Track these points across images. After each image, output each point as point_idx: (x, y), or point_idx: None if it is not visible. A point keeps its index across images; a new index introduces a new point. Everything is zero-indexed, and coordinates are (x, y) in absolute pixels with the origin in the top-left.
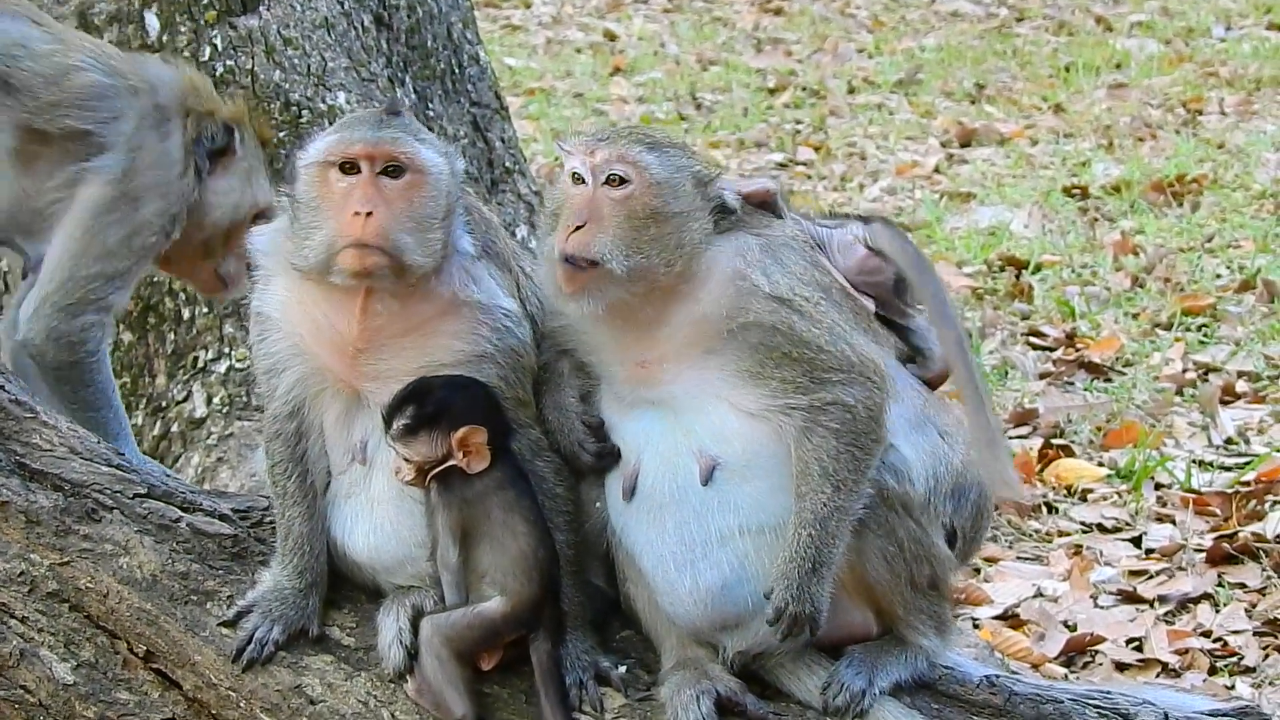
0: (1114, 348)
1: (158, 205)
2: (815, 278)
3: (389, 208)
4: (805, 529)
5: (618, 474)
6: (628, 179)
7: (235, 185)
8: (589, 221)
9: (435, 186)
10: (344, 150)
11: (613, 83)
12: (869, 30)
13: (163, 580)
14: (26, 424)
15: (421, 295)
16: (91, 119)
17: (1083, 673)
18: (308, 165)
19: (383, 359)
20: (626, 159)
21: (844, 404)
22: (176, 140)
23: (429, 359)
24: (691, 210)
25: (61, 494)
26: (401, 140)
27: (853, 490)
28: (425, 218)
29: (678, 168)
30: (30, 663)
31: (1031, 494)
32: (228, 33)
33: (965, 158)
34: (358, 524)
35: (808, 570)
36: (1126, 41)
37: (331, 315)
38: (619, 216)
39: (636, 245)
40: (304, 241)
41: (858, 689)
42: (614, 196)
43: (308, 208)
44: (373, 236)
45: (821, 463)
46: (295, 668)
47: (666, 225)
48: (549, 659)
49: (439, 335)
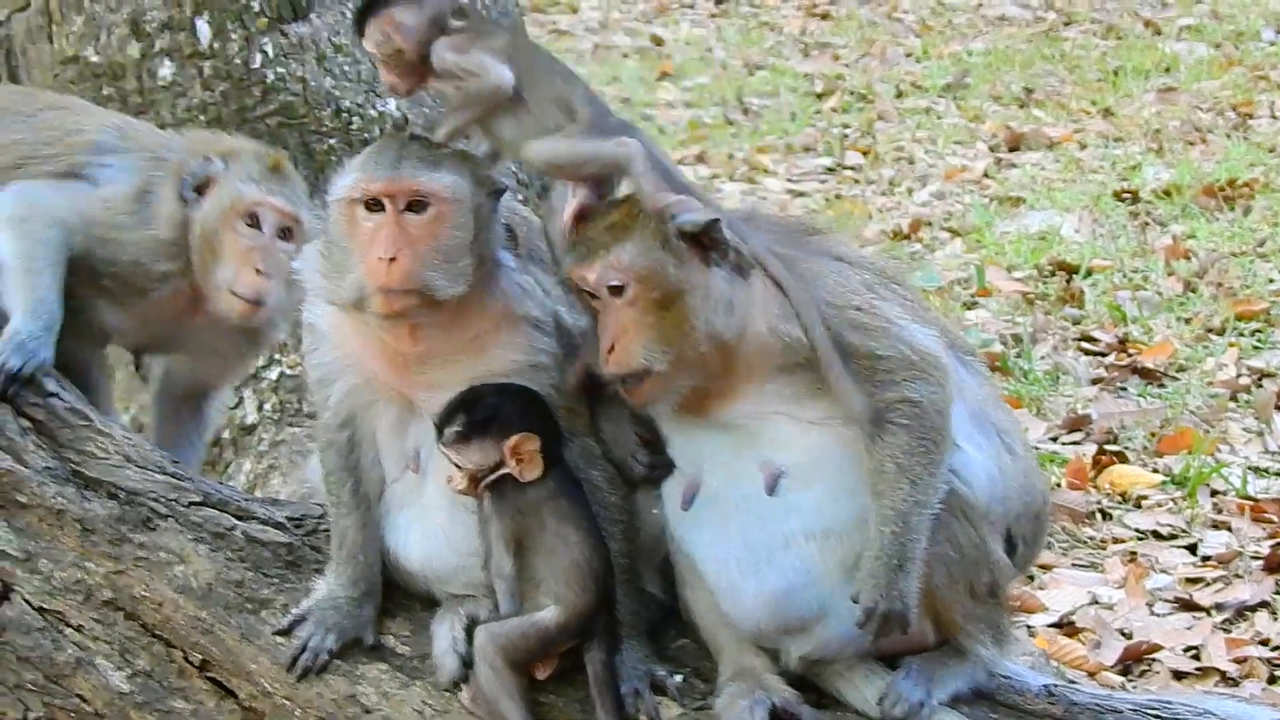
0: (1167, 353)
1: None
2: (854, 280)
3: (413, 248)
4: (888, 526)
5: (675, 483)
6: (626, 284)
7: (212, 203)
8: (617, 339)
9: (461, 212)
10: (365, 188)
11: (660, 88)
12: (916, 35)
13: (218, 589)
14: (81, 432)
15: (470, 312)
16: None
17: (1140, 681)
18: (335, 202)
19: (435, 370)
20: (613, 267)
21: (911, 401)
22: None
23: (482, 369)
24: (685, 270)
25: (117, 502)
26: (420, 173)
27: (929, 485)
28: (453, 248)
29: (650, 246)
30: (86, 671)
31: (1086, 500)
32: (279, 40)
33: (1014, 162)
34: (411, 533)
35: (895, 567)
36: (1176, 45)
37: (381, 331)
38: (641, 323)
39: (667, 339)
40: (337, 280)
41: (915, 700)
42: (624, 308)
43: (337, 245)
44: (400, 281)
45: (896, 460)
46: (350, 676)
47: (681, 303)
48: (604, 668)
49: (491, 347)
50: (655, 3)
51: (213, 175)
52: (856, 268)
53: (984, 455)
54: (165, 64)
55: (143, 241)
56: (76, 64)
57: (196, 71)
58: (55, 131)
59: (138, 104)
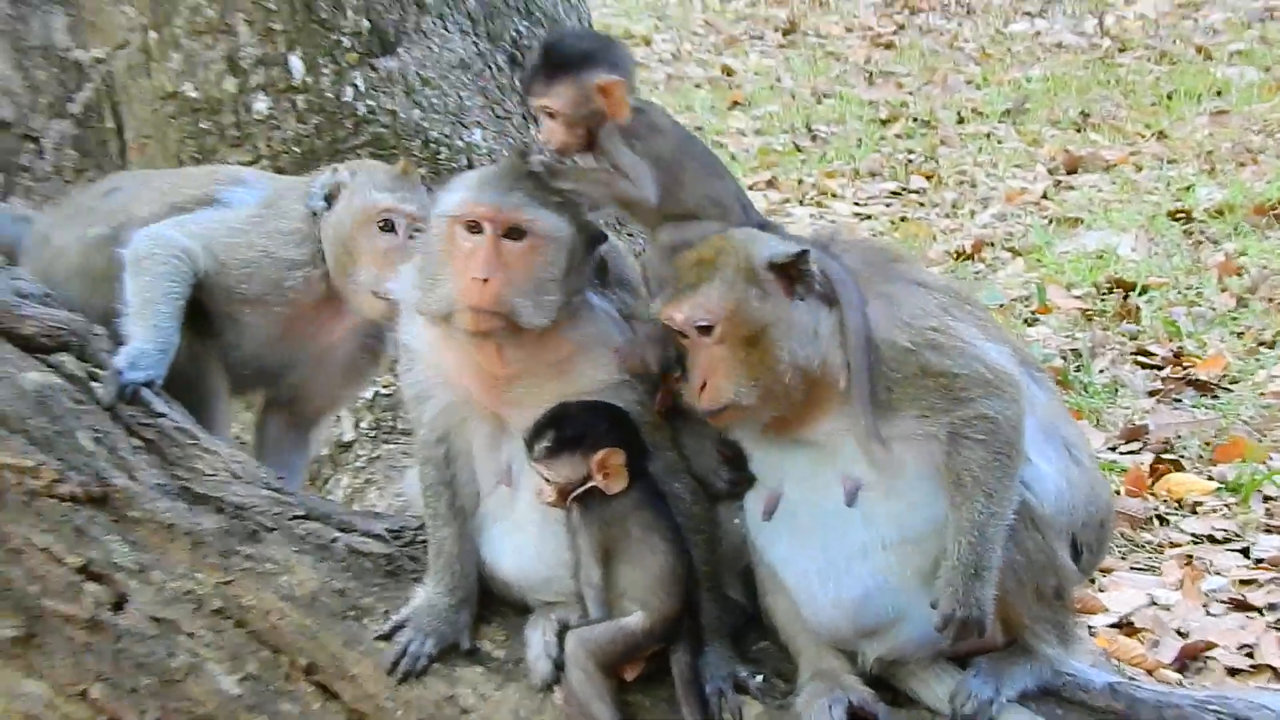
0: (1220, 366)
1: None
2: (930, 303)
3: (506, 273)
4: (964, 537)
5: (757, 495)
6: (712, 325)
7: (341, 208)
8: (708, 377)
9: (556, 250)
10: (469, 210)
11: (731, 116)
12: (976, 62)
13: (321, 597)
14: (190, 450)
15: (555, 339)
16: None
17: (1196, 678)
18: (437, 217)
19: (524, 389)
20: (700, 309)
21: (986, 417)
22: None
23: (569, 388)
24: (770, 304)
25: (224, 516)
26: (525, 207)
27: (1004, 497)
28: (544, 280)
29: (736, 282)
30: (198, 676)
31: (1144, 507)
32: (369, 74)
33: (1072, 184)
34: (505, 545)
35: (970, 576)
36: (1227, 69)
37: (472, 350)
38: (730, 360)
39: (750, 374)
40: (429, 291)
41: (985, 697)
42: (713, 346)
43: (435, 259)
44: (489, 303)
45: (972, 473)
46: (449, 679)
47: (767, 337)
48: (689, 669)
49: (578, 366)
50: (725, 35)
51: (341, 183)
52: (933, 291)
53: (1052, 467)
54: (260, 98)
55: (271, 249)
56: (175, 99)
57: (290, 105)
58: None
59: (234, 137)
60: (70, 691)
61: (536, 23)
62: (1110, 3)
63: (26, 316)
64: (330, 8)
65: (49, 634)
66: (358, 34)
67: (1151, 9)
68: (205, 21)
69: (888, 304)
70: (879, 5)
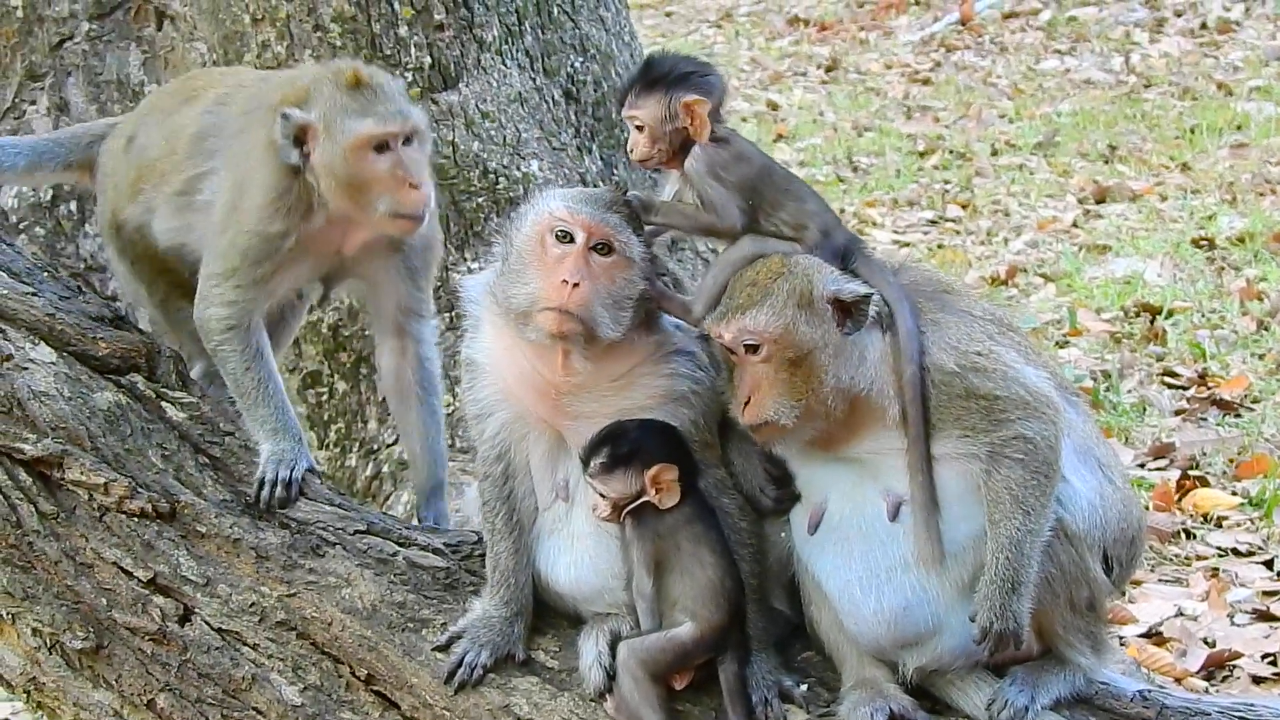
0: (1243, 386)
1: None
2: (976, 330)
3: (593, 283)
4: (1002, 553)
5: (802, 509)
6: (761, 344)
7: (323, 151)
8: (752, 393)
9: (636, 272)
10: (569, 218)
11: (776, 148)
12: (1009, 98)
13: (382, 609)
14: (255, 468)
15: (620, 354)
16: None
17: (1222, 686)
18: (533, 221)
19: (583, 403)
20: (748, 330)
21: (1025, 438)
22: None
23: (627, 401)
24: (820, 331)
25: (288, 531)
26: (619, 227)
27: (1041, 514)
28: (623, 297)
29: (788, 306)
30: (261, 686)
31: (1171, 521)
32: (430, 107)
33: (1100, 213)
34: (560, 558)
35: (1008, 590)
36: (1246, 105)
37: (536, 362)
38: (775, 379)
39: (794, 393)
40: (511, 288)
41: (1021, 705)
42: (759, 364)
43: (522, 260)
44: (575, 305)
45: (1011, 491)
46: (504, 688)
47: (812, 360)
48: (736, 678)
49: (638, 383)
50: (771, 71)
51: (304, 123)
52: (979, 320)
53: (1087, 485)
54: None
55: (258, 228)
56: None
57: None
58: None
59: None
60: (137, 701)
61: (591, 59)
62: (1136, 41)
63: (99, 338)
64: (394, 44)
65: (117, 645)
66: (420, 69)
67: (1175, 48)
68: (274, 58)
69: (936, 329)
70: (916, 44)
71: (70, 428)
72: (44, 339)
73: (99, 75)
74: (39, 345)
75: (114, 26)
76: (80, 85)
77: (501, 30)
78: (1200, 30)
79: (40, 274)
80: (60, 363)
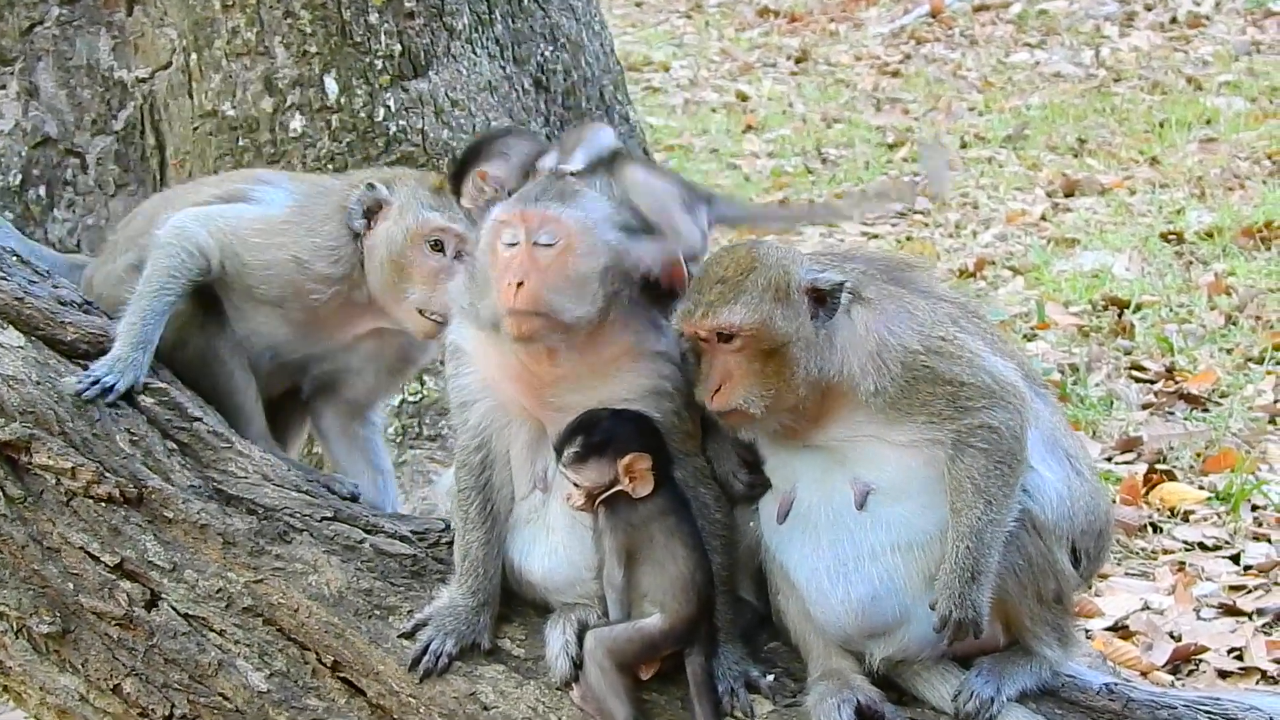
0: (1210, 380)
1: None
2: (940, 312)
3: (541, 275)
4: (963, 542)
5: (771, 498)
6: (734, 334)
7: (389, 227)
8: (723, 381)
9: (588, 247)
10: (506, 220)
11: (745, 139)
12: (979, 90)
13: (348, 596)
14: (223, 453)
15: (604, 340)
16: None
17: (1188, 680)
18: (484, 230)
19: (567, 394)
20: (723, 322)
21: (990, 426)
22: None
23: (608, 393)
24: (795, 324)
25: (256, 517)
26: (550, 208)
27: (1003, 504)
28: (581, 276)
29: (764, 299)
30: (228, 672)
31: (1138, 515)
32: (400, 95)
33: (1069, 206)
34: (535, 547)
35: (968, 579)
36: (1216, 99)
37: (521, 354)
38: (746, 369)
39: (765, 384)
40: (478, 302)
41: (987, 696)
42: (731, 353)
43: (483, 272)
44: (524, 304)
45: (973, 480)
46: (470, 676)
47: (785, 351)
48: (703, 669)
49: (621, 373)
50: (741, 62)
51: (381, 199)
52: (943, 302)
53: (1055, 476)
54: (296, 117)
55: (304, 258)
56: (214, 118)
57: (325, 124)
58: (215, 179)
59: (270, 154)
60: (103, 686)
61: (561, 48)
62: (1106, 35)
63: (67, 323)
64: (364, 32)
65: (84, 630)
66: (390, 57)
67: (1145, 42)
68: (244, 44)
69: (900, 307)
70: (886, 36)
71: (38, 412)
72: (12, 323)
73: (69, 60)
74: (7, 329)
75: (84, 11)
76: (50, 70)
77: (472, 18)
78: (1170, 25)
79: (9, 257)
80: (29, 347)
